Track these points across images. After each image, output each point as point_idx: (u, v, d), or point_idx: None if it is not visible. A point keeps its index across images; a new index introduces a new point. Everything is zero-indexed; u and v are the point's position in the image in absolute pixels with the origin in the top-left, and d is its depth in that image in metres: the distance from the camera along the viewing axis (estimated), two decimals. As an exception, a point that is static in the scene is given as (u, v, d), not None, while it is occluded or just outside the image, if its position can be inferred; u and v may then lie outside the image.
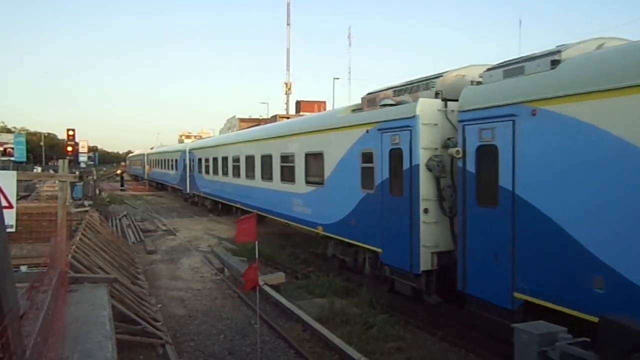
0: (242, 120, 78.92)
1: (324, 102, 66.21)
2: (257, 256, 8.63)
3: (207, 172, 26.92)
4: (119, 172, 72.11)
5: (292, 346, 8.45)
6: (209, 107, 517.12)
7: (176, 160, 37.08)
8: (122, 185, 53.81)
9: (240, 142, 21.17)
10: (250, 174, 19.17)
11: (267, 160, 17.25)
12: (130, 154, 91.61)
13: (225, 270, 14.12)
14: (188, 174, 32.38)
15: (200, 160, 28.73)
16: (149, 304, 10.26)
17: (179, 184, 36.10)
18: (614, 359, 4.42)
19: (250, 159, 19.20)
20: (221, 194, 24.31)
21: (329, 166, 12.57)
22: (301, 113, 57.33)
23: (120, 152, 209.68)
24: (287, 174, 15.33)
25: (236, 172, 21.16)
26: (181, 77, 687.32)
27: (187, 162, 32.33)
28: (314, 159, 13.55)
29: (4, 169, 30.08)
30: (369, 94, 11.83)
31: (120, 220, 24.55)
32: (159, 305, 10.77)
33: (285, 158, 15.57)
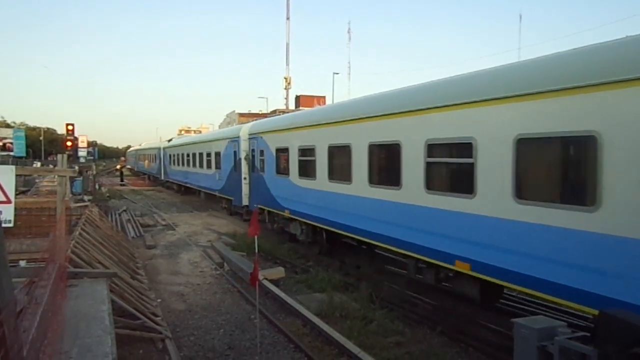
0: (241, 115, 78.94)
1: (324, 97, 66.47)
2: (257, 251, 8.65)
3: (305, 173, 14.09)
4: (118, 167, 72.25)
5: (292, 341, 8.46)
6: (207, 103, 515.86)
7: (217, 154, 24.34)
8: (121, 180, 54.07)
9: (436, 107, 8.57)
10: (487, 187, 7.44)
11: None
12: (133, 148, 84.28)
13: (225, 265, 14.14)
14: (246, 175, 20.25)
15: (280, 152, 16.10)
16: (149, 298, 10.26)
17: (225, 191, 23.52)
18: (613, 353, 4.42)
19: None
20: (357, 223, 11.34)
21: None
22: (300, 108, 57.28)
23: (120, 147, 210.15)
24: None
25: (431, 181, 8.80)
26: (180, 73, 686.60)
27: (244, 155, 20.16)
28: None
29: (3, 163, 30.09)
30: None
31: (119, 215, 24.55)
32: (159, 300, 10.78)
33: None
